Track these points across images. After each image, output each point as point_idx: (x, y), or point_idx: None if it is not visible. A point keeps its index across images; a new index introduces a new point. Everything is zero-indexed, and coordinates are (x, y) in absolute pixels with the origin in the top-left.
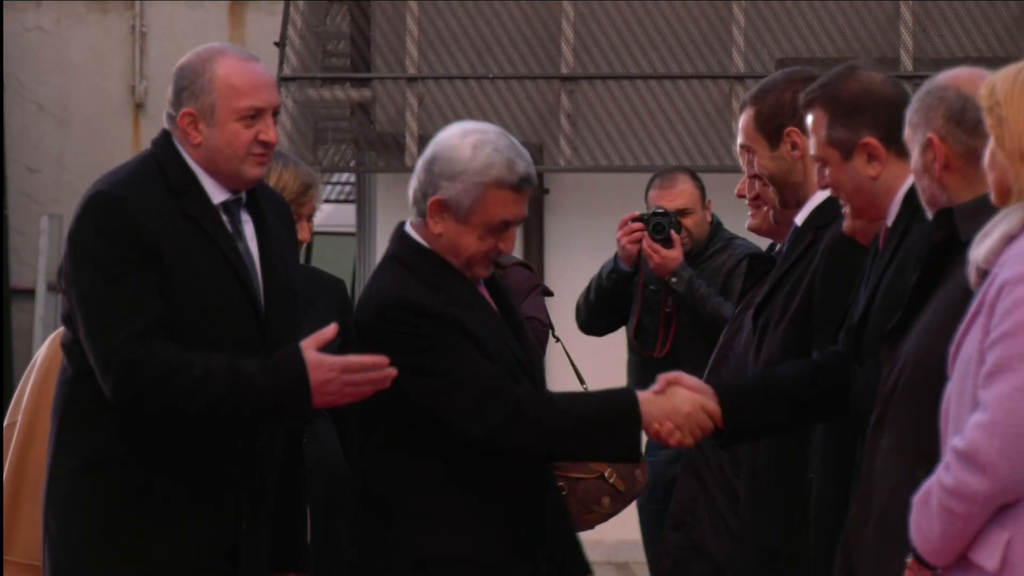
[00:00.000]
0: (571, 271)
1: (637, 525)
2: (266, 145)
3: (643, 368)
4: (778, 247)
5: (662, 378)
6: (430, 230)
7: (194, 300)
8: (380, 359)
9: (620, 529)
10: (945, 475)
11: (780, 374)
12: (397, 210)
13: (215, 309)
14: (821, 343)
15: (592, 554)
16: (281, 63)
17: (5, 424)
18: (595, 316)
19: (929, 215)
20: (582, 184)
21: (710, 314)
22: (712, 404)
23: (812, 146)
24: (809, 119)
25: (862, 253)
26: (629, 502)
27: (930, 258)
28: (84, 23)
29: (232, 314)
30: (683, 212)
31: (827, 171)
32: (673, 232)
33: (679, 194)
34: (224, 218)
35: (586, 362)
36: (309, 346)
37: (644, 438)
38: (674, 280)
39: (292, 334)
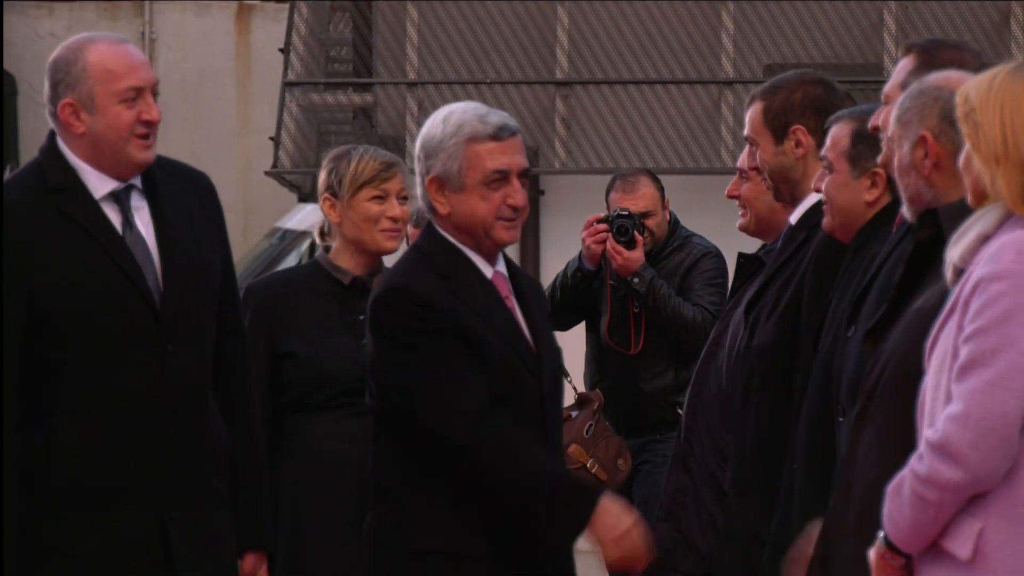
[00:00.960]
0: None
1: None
2: (149, 124)
3: (601, 359)
4: (767, 247)
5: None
6: (441, 216)
7: (77, 303)
8: None
9: None
10: (918, 464)
11: None
12: None
13: (102, 309)
14: (808, 337)
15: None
16: (286, 69)
17: None
18: (559, 312)
19: (907, 213)
20: (577, 186)
21: (670, 315)
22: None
23: (827, 154)
24: (835, 129)
25: (845, 252)
26: (618, 483)
27: (913, 256)
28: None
29: (122, 311)
30: (645, 214)
31: (826, 179)
32: (636, 233)
33: (641, 196)
34: (108, 210)
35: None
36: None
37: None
38: (636, 281)
39: (197, 315)
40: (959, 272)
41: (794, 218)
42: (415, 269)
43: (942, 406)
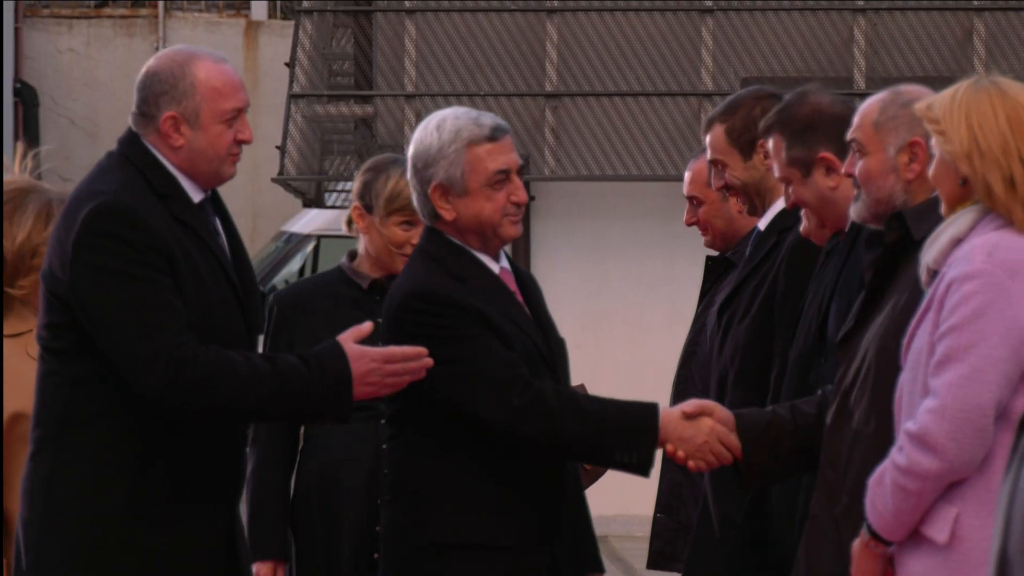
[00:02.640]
0: (556, 271)
1: (614, 500)
2: (243, 144)
3: None
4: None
5: (696, 404)
6: (446, 221)
7: (198, 302)
8: (419, 350)
9: (598, 504)
10: (899, 456)
11: (801, 420)
12: None
13: (214, 309)
14: (781, 338)
15: None
16: (291, 81)
17: None
18: None
19: (863, 215)
20: (565, 192)
21: None
22: (732, 438)
23: (776, 169)
24: (770, 144)
25: (819, 255)
26: (596, 479)
27: (883, 258)
28: (112, 45)
29: (226, 313)
30: None
31: (791, 189)
32: None
33: None
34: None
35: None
36: (347, 339)
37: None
38: None
39: (257, 324)
40: (933, 273)
41: (763, 224)
42: (431, 274)
43: (919, 400)
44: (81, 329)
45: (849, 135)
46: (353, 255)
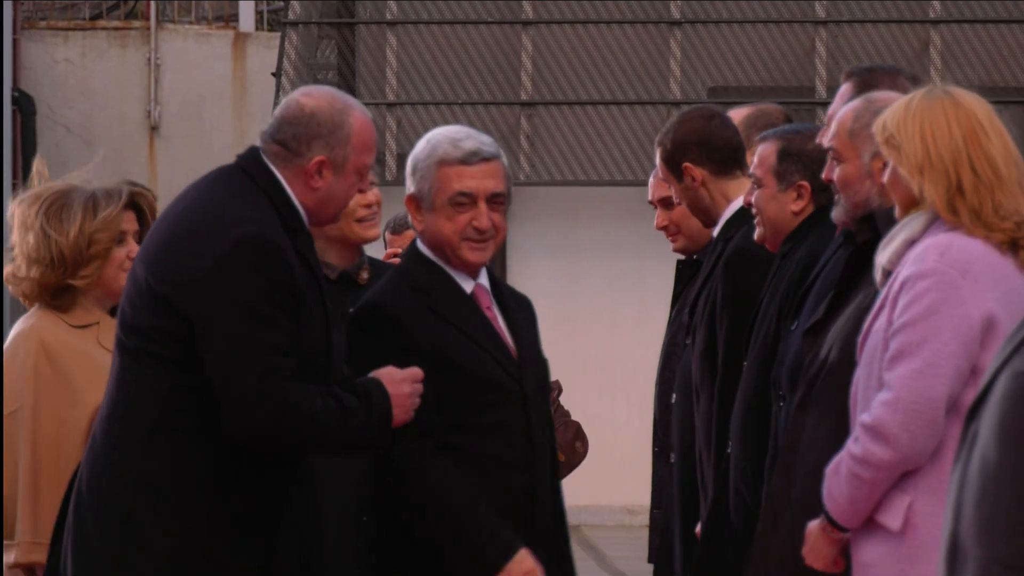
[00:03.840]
0: (530, 271)
1: (586, 491)
2: (361, 197)
3: None
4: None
5: None
6: (419, 232)
7: (307, 337)
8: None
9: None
10: (854, 446)
11: None
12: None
13: (315, 343)
14: (725, 342)
15: None
16: (277, 91)
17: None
18: None
19: (848, 217)
20: (540, 196)
21: None
22: None
23: (756, 167)
24: (761, 148)
25: (753, 264)
26: (570, 471)
27: (852, 257)
28: (106, 56)
29: (321, 353)
30: None
31: (758, 193)
32: None
33: None
34: None
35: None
36: (388, 372)
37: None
38: None
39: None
40: (887, 274)
41: (715, 232)
42: (392, 288)
43: (874, 393)
44: (191, 343)
45: (827, 143)
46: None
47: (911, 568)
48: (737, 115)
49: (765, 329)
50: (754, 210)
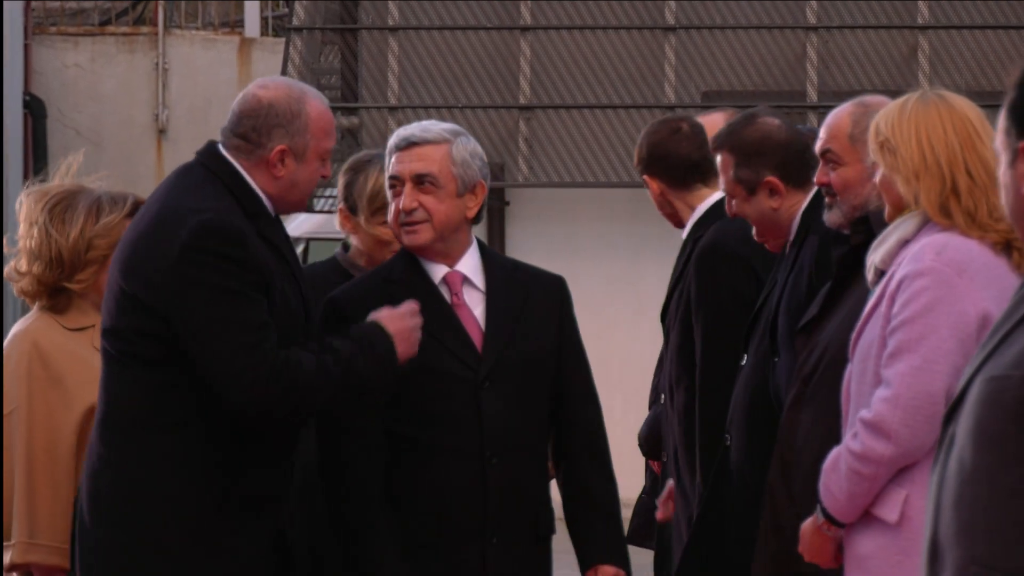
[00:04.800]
0: None
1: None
2: (324, 179)
3: None
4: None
5: None
6: None
7: (281, 315)
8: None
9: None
10: (853, 442)
11: None
12: None
13: (292, 320)
14: (701, 340)
15: None
16: None
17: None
18: None
19: (844, 220)
20: (538, 197)
21: None
22: None
23: (722, 182)
24: (718, 159)
25: (724, 258)
26: None
27: (846, 259)
28: (115, 61)
29: (297, 323)
30: None
31: (734, 203)
32: None
33: None
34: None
35: None
36: (383, 314)
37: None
38: None
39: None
40: (880, 273)
41: (684, 233)
42: (360, 280)
43: (869, 390)
44: (169, 339)
45: (821, 147)
46: (347, 247)
47: (908, 559)
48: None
49: (761, 331)
50: (831, 191)
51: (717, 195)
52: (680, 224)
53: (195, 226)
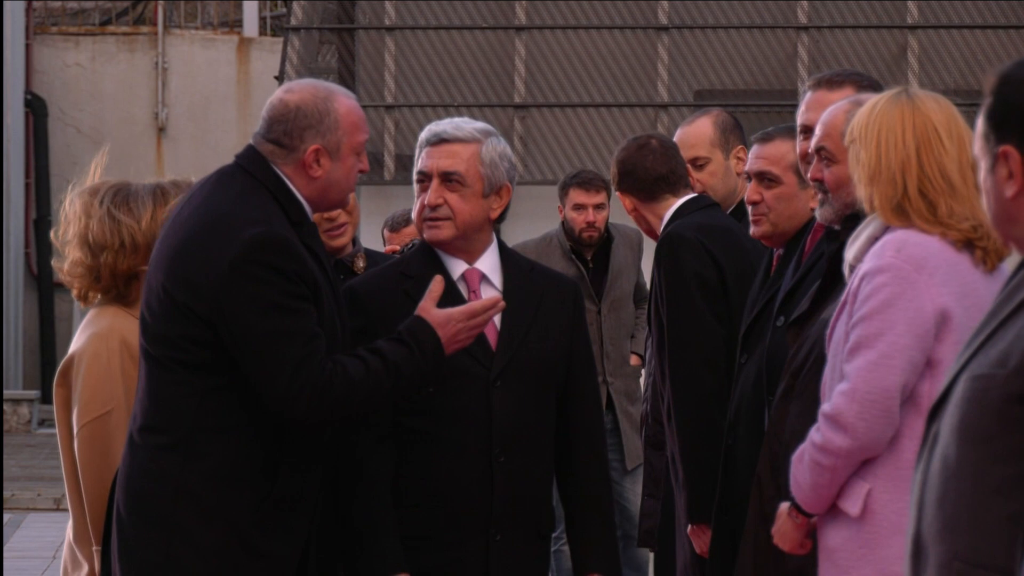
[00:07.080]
0: None
1: None
2: (362, 175)
3: None
4: None
5: None
6: None
7: (326, 321)
8: (497, 297)
9: None
10: (816, 435)
11: None
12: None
13: (333, 324)
14: (671, 320)
15: None
16: None
17: (93, 417)
18: None
19: (836, 216)
20: (533, 195)
21: None
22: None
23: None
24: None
25: (680, 244)
26: None
27: (836, 255)
28: (115, 60)
29: (339, 336)
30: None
31: (768, 192)
32: None
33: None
34: None
35: None
36: (428, 308)
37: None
38: None
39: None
40: (854, 269)
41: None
42: (377, 272)
43: (837, 384)
44: (217, 345)
45: (815, 144)
46: None
47: (871, 552)
48: (712, 118)
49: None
50: (761, 208)
51: (681, 199)
52: (656, 236)
53: (248, 239)
